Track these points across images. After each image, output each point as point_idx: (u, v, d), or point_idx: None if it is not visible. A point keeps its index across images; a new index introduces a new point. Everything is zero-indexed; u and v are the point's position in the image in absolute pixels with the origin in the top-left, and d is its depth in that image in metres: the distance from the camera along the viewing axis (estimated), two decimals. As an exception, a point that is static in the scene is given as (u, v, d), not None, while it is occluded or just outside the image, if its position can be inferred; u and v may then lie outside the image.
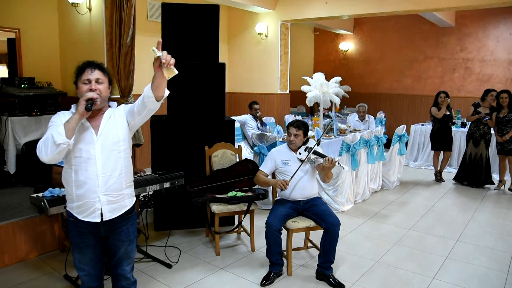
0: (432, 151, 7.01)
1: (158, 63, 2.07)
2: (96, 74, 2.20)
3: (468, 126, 6.68)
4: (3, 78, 5.50)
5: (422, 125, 8.17)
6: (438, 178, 6.82)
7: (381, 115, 8.78)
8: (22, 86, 5.17)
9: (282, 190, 3.38)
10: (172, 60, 2.07)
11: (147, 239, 3.97)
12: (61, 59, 6.17)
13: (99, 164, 2.18)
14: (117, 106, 2.39)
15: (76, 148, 2.16)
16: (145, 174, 3.48)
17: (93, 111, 2.19)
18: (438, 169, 6.84)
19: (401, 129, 6.32)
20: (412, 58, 10.11)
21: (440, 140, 6.67)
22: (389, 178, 6.31)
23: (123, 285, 2.48)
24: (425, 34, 9.83)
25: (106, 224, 2.27)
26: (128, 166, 2.34)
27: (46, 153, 2.04)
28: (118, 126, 2.27)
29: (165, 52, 2.06)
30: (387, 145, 6.35)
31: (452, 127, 6.85)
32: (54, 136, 2.01)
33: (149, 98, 2.15)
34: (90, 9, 5.51)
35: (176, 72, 2.09)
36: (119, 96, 4.88)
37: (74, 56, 5.90)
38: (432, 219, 4.95)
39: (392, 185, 6.36)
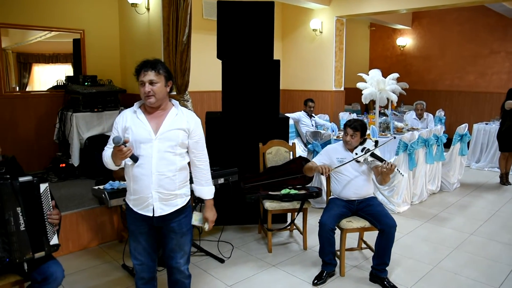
0: (498, 152, 6.59)
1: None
2: (149, 75, 2.26)
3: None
4: (69, 77, 5.83)
5: (486, 124, 7.69)
6: (504, 180, 6.40)
7: (440, 113, 8.39)
8: (86, 83, 5.44)
9: (322, 174, 3.36)
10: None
11: (200, 234, 4.04)
12: (121, 57, 6.44)
13: (154, 162, 2.26)
14: (179, 105, 2.45)
15: (137, 145, 2.27)
16: None
17: (152, 108, 2.31)
18: (505, 171, 6.42)
19: (462, 128, 6.00)
20: (475, 53, 9.55)
21: (510, 140, 6.23)
22: (449, 180, 6.01)
23: (178, 279, 2.53)
24: (491, 27, 9.25)
25: (157, 217, 2.35)
26: (183, 168, 2.39)
27: (107, 167, 2.40)
28: (181, 134, 2.33)
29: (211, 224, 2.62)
30: (447, 145, 6.04)
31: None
32: (107, 162, 2.34)
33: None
34: (148, 9, 5.69)
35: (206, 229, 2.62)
36: (175, 93, 5.01)
37: (133, 55, 6.13)
38: (497, 224, 4.65)
39: (452, 187, 6.05)
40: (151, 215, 2.33)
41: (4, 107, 5.33)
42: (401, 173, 3.30)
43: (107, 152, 2.30)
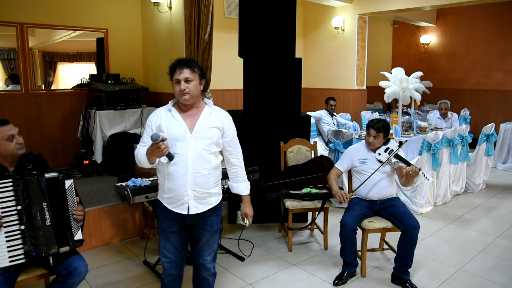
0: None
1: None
2: (184, 74, 2.26)
3: None
4: (92, 75, 5.93)
5: (514, 123, 7.48)
6: (532, 182, 6.22)
7: (465, 112, 8.20)
8: (109, 82, 5.52)
9: (340, 202, 3.34)
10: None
11: (221, 232, 4.04)
12: (143, 56, 6.51)
13: (190, 160, 2.27)
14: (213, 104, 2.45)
15: (172, 143, 2.26)
16: None
17: (186, 106, 2.32)
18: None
19: (489, 128, 5.85)
20: (503, 50, 9.26)
21: None
22: (474, 181, 5.87)
23: (203, 276, 2.53)
24: (520, 23, 8.98)
25: (191, 215, 2.35)
26: (217, 167, 2.40)
27: (140, 165, 2.34)
28: (216, 132, 2.35)
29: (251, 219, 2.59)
30: (472, 145, 5.90)
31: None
32: (141, 160, 2.29)
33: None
34: (170, 8, 5.72)
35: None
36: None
37: (155, 53, 6.19)
38: (525, 227, 4.53)
39: (477, 188, 5.90)
40: (186, 213, 2.33)
41: (30, 105, 5.46)
42: (426, 177, 3.23)
43: (141, 150, 2.29)
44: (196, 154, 2.27)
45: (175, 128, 2.28)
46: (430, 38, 10.52)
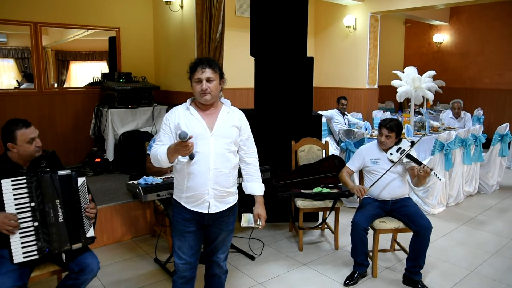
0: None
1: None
2: (206, 73, 2.24)
3: None
4: (104, 73, 5.97)
5: (529, 124, 7.35)
6: (546, 183, 6.12)
7: (479, 112, 8.09)
8: (121, 80, 5.55)
9: (358, 197, 3.30)
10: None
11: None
12: (155, 54, 6.54)
13: (211, 158, 2.26)
14: (231, 104, 2.45)
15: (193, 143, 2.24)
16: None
17: (205, 105, 2.31)
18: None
19: (503, 128, 5.76)
20: (518, 49, 9.15)
21: None
22: (487, 181, 5.79)
23: (216, 272, 2.55)
24: (535, 22, 8.84)
25: (211, 214, 2.35)
26: (236, 166, 2.41)
27: (157, 164, 2.29)
28: (234, 131, 2.36)
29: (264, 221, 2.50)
30: (486, 145, 5.82)
31: None
32: (160, 160, 2.23)
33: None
34: (182, 7, 5.74)
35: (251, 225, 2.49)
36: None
37: (167, 52, 6.21)
38: (539, 229, 4.45)
39: (491, 189, 5.82)
40: (206, 211, 2.32)
41: (44, 103, 5.52)
42: (438, 178, 3.19)
43: (160, 149, 2.24)
44: (218, 153, 2.27)
45: (195, 126, 2.27)
46: (443, 36, 10.40)
